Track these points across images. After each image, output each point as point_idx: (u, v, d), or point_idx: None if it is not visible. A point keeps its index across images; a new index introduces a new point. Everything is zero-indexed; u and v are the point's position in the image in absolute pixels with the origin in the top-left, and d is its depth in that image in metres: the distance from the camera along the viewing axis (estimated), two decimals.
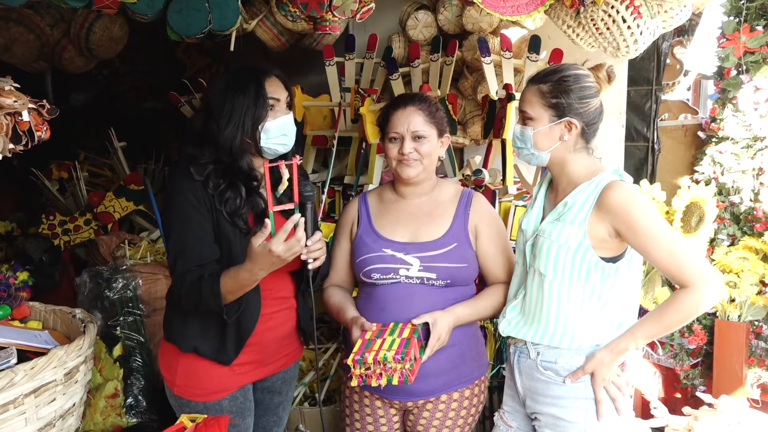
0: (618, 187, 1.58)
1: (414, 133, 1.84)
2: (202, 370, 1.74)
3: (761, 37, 2.71)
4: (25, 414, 1.53)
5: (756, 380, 2.55)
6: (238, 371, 1.77)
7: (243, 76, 1.71)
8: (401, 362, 1.60)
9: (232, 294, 1.62)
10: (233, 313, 1.67)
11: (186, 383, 1.75)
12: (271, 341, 1.81)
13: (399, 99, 1.92)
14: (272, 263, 1.54)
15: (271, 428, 1.98)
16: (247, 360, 1.77)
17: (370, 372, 1.63)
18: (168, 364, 1.80)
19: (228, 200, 1.67)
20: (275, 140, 1.71)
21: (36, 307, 2.11)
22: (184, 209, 1.66)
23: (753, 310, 2.54)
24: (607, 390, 1.63)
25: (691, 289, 1.53)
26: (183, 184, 1.68)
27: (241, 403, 1.79)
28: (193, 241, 1.65)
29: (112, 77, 5.12)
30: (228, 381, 1.76)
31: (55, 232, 3.53)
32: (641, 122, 3.18)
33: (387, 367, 1.61)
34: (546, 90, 1.65)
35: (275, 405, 1.95)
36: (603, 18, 2.12)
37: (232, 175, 1.69)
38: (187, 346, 1.73)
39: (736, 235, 2.76)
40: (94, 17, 3.09)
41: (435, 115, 1.87)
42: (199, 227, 1.66)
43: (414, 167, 1.85)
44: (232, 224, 1.68)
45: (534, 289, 1.70)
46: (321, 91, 3.25)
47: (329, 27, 2.45)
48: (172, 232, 1.68)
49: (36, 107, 1.69)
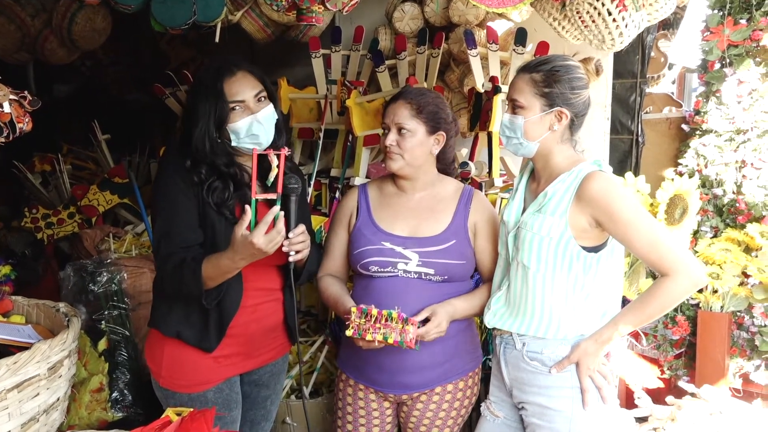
0: (597, 177, 1.60)
1: (398, 125, 1.84)
2: (187, 360, 1.75)
3: (745, 30, 2.73)
4: (8, 409, 1.52)
5: (738, 370, 2.58)
6: (223, 363, 1.78)
7: (205, 79, 1.73)
8: (404, 322, 1.62)
9: (212, 280, 1.63)
10: (212, 299, 1.68)
11: (171, 374, 1.76)
12: (256, 333, 1.81)
13: (398, 93, 1.94)
14: (252, 254, 1.56)
15: (259, 422, 1.98)
16: (233, 351, 1.78)
17: (369, 325, 1.63)
18: (153, 355, 1.81)
19: (215, 191, 1.70)
20: (246, 139, 1.72)
21: (19, 301, 2.09)
22: (172, 192, 1.69)
23: (735, 301, 2.57)
24: (593, 379, 1.65)
25: (672, 277, 1.55)
26: (172, 167, 1.71)
27: (227, 395, 1.79)
28: (179, 225, 1.68)
29: (95, 69, 5.06)
30: (213, 373, 1.77)
31: (38, 225, 3.49)
32: (626, 115, 3.20)
33: (387, 324, 1.63)
34: (538, 79, 1.65)
35: (263, 399, 1.96)
36: (588, 11, 2.13)
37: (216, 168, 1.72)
38: (170, 330, 1.75)
39: (719, 227, 2.79)
40: (76, 7, 3.04)
41: (423, 110, 1.85)
42: (185, 211, 1.68)
43: (395, 160, 1.86)
44: (218, 212, 1.70)
45: (518, 280, 1.71)
46: (307, 83, 3.23)
47: (315, 18, 2.43)
48: (159, 215, 1.72)
49: (17, 98, 1.67)
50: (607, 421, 1.68)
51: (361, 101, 2.78)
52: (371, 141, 2.75)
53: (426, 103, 1.86)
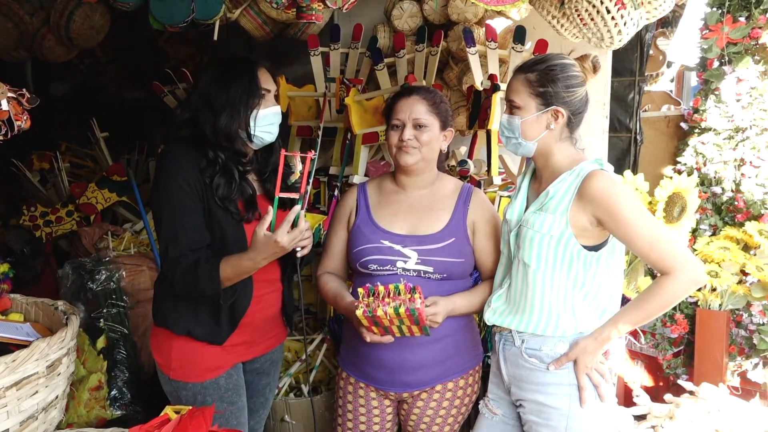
0: (599, 175, 1.60)
1: (415, 121, 1.85)
2: (197, 350, 1.78)
3: (743, 28, 2.73)
4: (6, 407, 1.52)
5: (736, 368, 2.58)
6: (231, 351, 1.82)
7: (238, 65, 1.78)
8: (412, 291, 1.62)
9: (229, 281, 1.68)
10: (229, 298, 1.72)
11: (182, 365, 1.79)
12: (260, 322, 1.85)
13: (405, 89, 1.95)
14: (274, 253, 1.62)
15: (258, 410, 2.02)
16: (239, 341, 1.82)
17: (378, 302, 1.63)
18: (161, 349, 1.83)
19: (220, 185, 1.72)
20: (264, 128, 1.78)
21: (17, 299, 2.09)
22: (175, 194, 1.69)
23: (733, 299, 2.57)
24: (590, 377, 1.65)
25: (672, 275, 1.55)
26: (174, 169, 1.71)
27: (236, 380, 1.84)
28: (186, 227, 1.69)
29: (93, 67, 5.05)
30: (222, 359, 1.81)
31: (37, 223, 3.49)
32: (624, 113, 3.19)
33: (396, 297, 1.64)
34: (533, 79, 1.66)
35: (263, 386, 2.00)
36: (587, 8, 2.12)
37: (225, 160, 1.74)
38: (180, 329, 1.77)
39: (717, 225, 2.79)
40: (74, 5, 3.04)
41: (439, 106, 1.89)
42: (191, 213, 1.70)
43: (413, 155, 1.86)
44: (224, 210, 1.72)
45: (519, 278, 1.72)
46: (306, 81, 3.23)
47: (314, 16, 2.43)
48: (163, 217, 1.71)
49: (15, 96, 1.67)
50: (605, 418, 1.68)
51: (359, 99, 2.78)
52: (370, 139, 2.75)
53: (439, 99, 1.90)
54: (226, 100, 1.73)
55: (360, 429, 1.98)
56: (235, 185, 1.73)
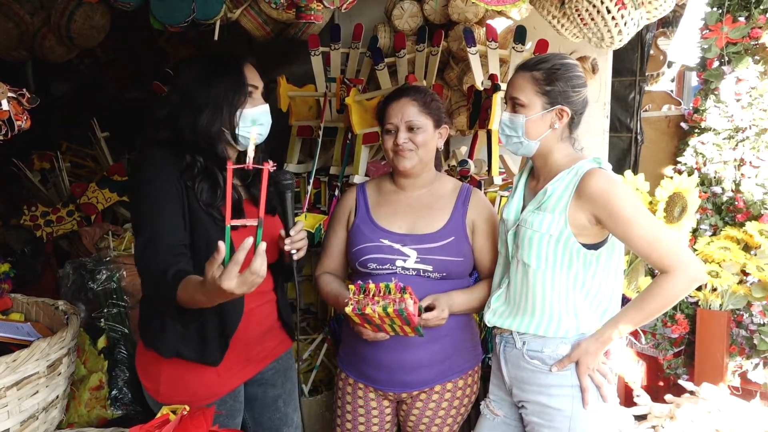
0: (597, 174, 1.59)
1: (408, 123, 1.84)
2: (189, 373, 1.64)
3: (743, 27, 2.73)
4: (7, 407, 1.52)
5: (737, 368, 2.58)
6: (225, 375, 1.68)
7: (221, 61, 1.64)
8: (402, 291, 1.59)
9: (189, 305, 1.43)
10: (192, 321, 1.56)
11: (171, 391, 1.64)
12: (255, 337, 1.73)
13: (395, 92, 1.94)
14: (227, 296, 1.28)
15: (279, 428, 1.87)
16: (233, 361, 1.68)
17: (368, 300, 1.60)
18: (149, 373, 1.68)
19: (203, 190, 1.58)
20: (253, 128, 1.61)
21: (18, 299, 2.09)
22: (154, 198, 1.55)
23: (734, 299, 2.57)
24: (592, 378, 1.65)
25: (672, 274, 1.55)
26: (152, 172, 1.57)
27: (230, 407, 1.71)
28: (163, 227, 1.53)
29: (94, 67, 5.05)
30: (217, 387, 1.67)
31: (37, 223, 3.49)
32: (625, 113, 3.19)
33: (386, 296, 1.60)
34: (539, 77, 1.65)
35: (272, 399, 1.86)
36: (588, 8, 2.12)
37: (207, 163, 1.60)
38: (169, 351, 1.61)
39: (718, 225, 2.79)
40: (74, 5, 3.04)
41: (430, 105, 1.88)
42: (171, 212, 1.54)
43: (409, 158, 1.86)
44: (209, 215, 1.59)
45: (518, 278, 1.71)
46: (306, 81, 3.23)
47: (313, 16, 2.43)
48: (141, 218, 1.56)
49: (16, 96, 1.67)
50: (607, 419, 1.68)
51: (360, 99, 2.78)
52: (370, 139, 2.75)
53: (430, 98, 1.89)
54: (207, 97, 1.58)
55: (359, 430, 1.97)
56: (220, 191, 1.59)
